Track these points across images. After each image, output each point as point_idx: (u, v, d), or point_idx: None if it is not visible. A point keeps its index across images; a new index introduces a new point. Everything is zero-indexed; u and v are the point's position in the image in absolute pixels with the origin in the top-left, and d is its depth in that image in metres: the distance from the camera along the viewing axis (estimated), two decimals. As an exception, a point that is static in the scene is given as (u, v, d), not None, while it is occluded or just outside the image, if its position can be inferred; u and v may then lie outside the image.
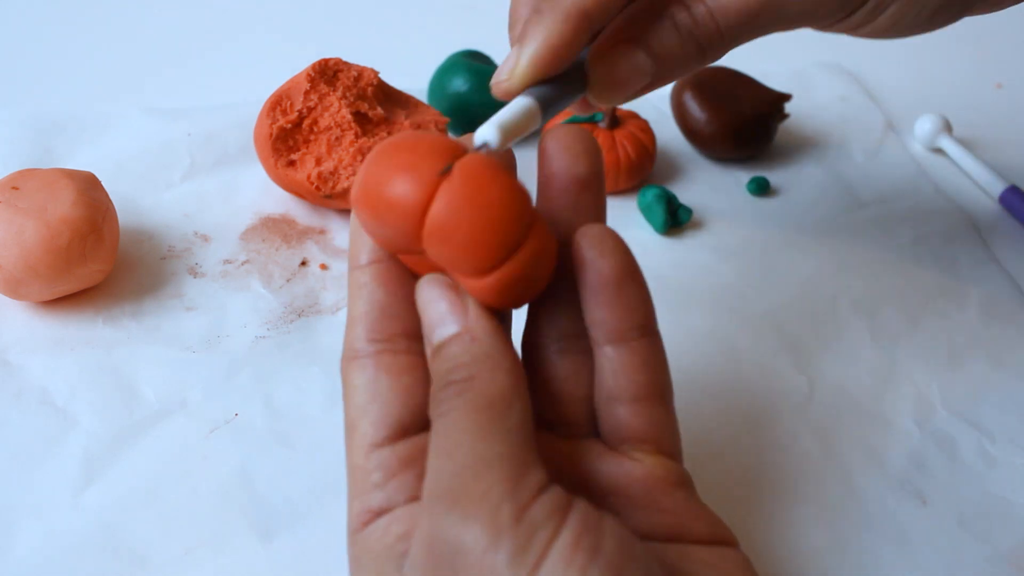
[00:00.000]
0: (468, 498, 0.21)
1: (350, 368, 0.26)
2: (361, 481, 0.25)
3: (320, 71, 0.45)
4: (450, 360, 0.24)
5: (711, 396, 0.38)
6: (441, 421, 0.23)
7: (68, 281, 0.38)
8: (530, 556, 0.21)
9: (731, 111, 0.51)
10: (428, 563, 0.22)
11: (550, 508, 0.21)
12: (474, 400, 0.23)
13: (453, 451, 0.22)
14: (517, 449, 0.22)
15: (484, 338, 0.24)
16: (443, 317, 0.24)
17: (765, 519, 0.34)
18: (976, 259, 0.47)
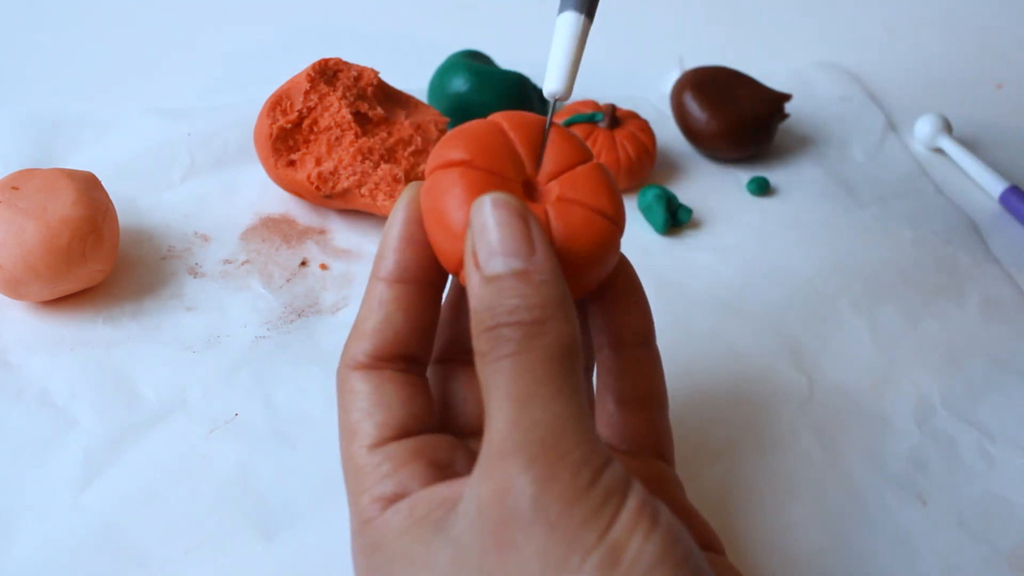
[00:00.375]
0: (548, 457, 0.21)
1: (351, 375, 0.26)
2: (367, 476, 0.24)
3: (320, 71, 0.45)
4: (515, 296, 0.22)
5: (711, 396, 0.38)
6: (507, 364, 0.22)
7: (68, 281, 0.38)
8: (603, 519, 0.21)
9: (731, 111, 0.51)
10: (495, 516, 0.21)
11: (620, 476, 0.21)
12: (548, 349, 0.22)
13: (527, 402, 0.21)
14: (586, 412, 0.22)
15: (554, 281, 0.23)
16: (507, 246, 0.22)
17: (765, 519, 0.34)
18: (976, 259, 0.47)
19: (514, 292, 0.22)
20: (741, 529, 0.33)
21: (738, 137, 0.51)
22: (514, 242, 0.23)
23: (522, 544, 0.21)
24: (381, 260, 0.26)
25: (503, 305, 0.22)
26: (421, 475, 0.24)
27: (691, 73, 0.53)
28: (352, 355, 0.26)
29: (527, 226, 0.23)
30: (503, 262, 0.22)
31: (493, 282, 0.22)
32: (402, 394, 0.25)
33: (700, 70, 0.53)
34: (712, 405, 0.38)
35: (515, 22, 0.67)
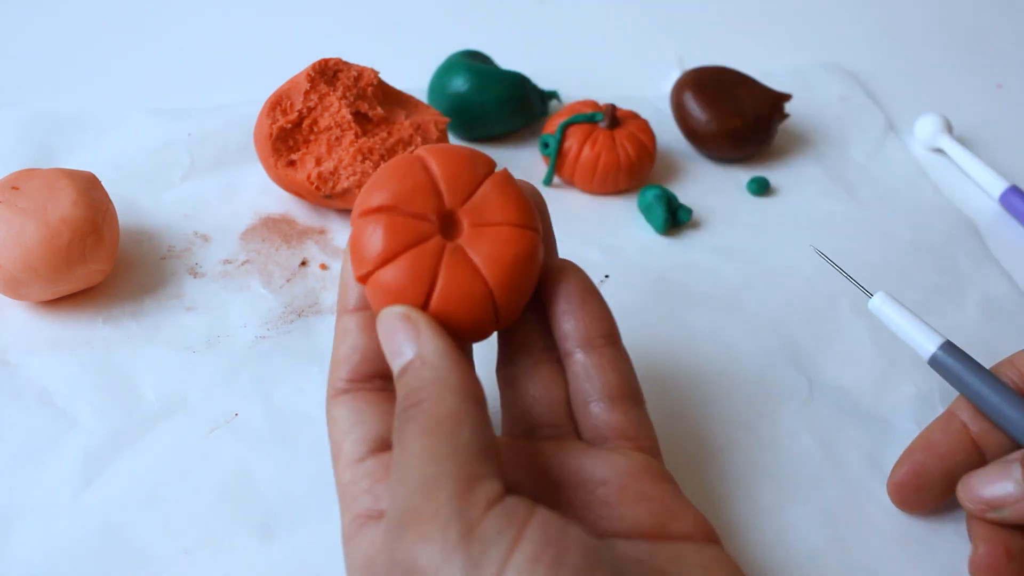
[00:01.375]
0: (419, 519, 0.22)
1: (333, 404, 0.28)
2: (349, 493, 0.26)
3: (320, 71, 0.45)
4: (404, 386, 0.25)
5: (711, 396, 0.38)
6: (396, 448, 0.24)
7: (68, 281, 0.38)
8: (486, 571, 0.21)
9: (731, 111, 0.51)
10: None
11: (504, 521, 0.22)
12: (424, 423, 0.24)
13: (405, 475, 0.23)
14: (466, 466, 0.23)
15: (434, 360, 0.25)
16: (399, 345, 0.26)
17: (764, 519, 0.34)
18: (976, 259, 0.47)
19: (405, 381, 0.25)
20: (741, 529, 0.33)
21: (738, 137, 0.51)
22: (402, 340, 0.26)
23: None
24: (343, 293, 0.29)
25: (400, 395, 0.25)
26: None
27: (691, 73, 0.53)
28: (331, 385, 0.28)
29: (410, 321, 0.26)
30: (396, 361, 0.26)
31: (399, 379, 0.26)
32: (378, 410, 0.27)
33: (700, 70, 0.53)
34: (712, 405, 0.38)
35: (515, 22, 0.67)
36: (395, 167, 0.28)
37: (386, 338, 0.26)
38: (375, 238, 0.27)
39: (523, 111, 0.52)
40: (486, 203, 0.28)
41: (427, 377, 0.25)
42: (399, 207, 0.27)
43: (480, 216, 0.28)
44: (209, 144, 0.50)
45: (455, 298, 0.27)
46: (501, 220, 0.28)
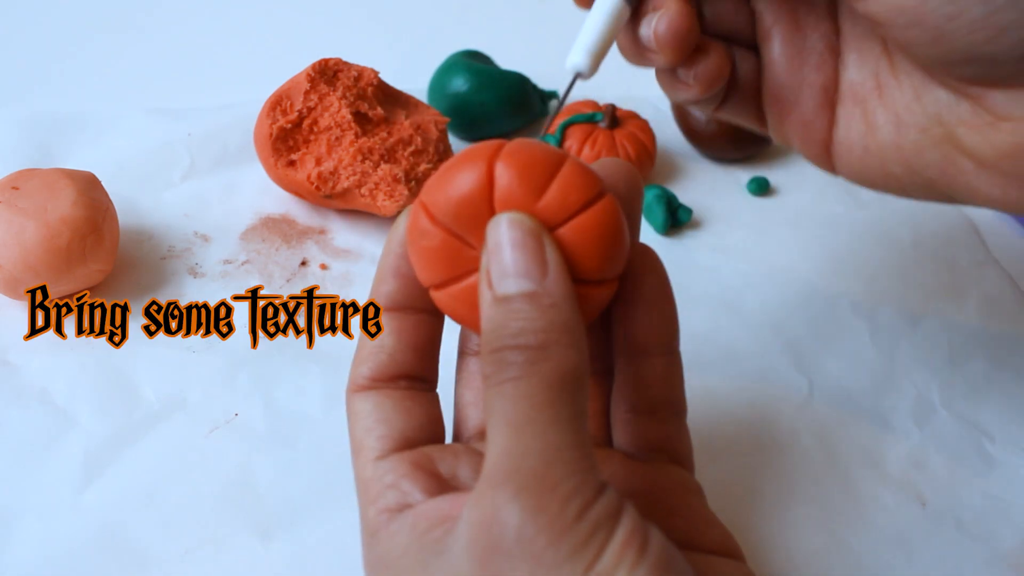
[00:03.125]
0: (536, 487, 0.21)
1: (354, 398, 0.27)
2: (373, 488, 0.25)
3: (320, 71, 0.45)
4: (521, 319, 0.22)
5: (711, 396, 0.38)
6: (507, 388, 0.22)
7: (68, 281, 0.38)
8: (589, 552, 0.20)
9: (731, 111, 0.51)
10: (483, 544, 0.21)
11: (610, 508, 0.21)
12: (548, 375, 0.21)
13: (522, 428, 0.21)
14: (583, 440, 0.21)
15: (563, 306, 0.22)
16: (520, 267, 0.22)
17: (765, 519, 0.34)
18: (976, 259, 0.47)
19: (521, 315, 0.22)
20: (741, 529, 0.33)
21: (738, 137, 0.51)
22: (526, 263, 0.22)
23: (507, 573, 0.21)
24: (377, 286, 0.27)
25: (509, 328, 0.22)
26: (424, 485, 0.24)
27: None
28: (353, 379, 0.27)
29: (541, 248, 0.23)
30: (514, 283, 0.22)
31: (502, 303, 0.22)
32: (401, 408, 0.26)
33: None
34: (712, 405, 0.38)
35: (515, 22, 0.67)
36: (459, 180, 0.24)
37: (501, 247, 0.23)
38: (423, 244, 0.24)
39: (523, 111, 0.52)
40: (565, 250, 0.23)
41: (554, 321, 0.22)
42: (449, 227, 0.24)
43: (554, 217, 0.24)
44: (209, 144, 0.50)
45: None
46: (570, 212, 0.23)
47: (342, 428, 0.36)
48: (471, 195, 0.23)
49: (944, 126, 0.27)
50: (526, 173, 0.23)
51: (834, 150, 0.30)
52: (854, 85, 0.29)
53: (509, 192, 0.23)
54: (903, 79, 0.28)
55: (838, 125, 0.30)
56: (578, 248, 0.23)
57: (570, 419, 0.21)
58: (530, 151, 0.24)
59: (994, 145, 0.26)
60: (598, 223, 0.23)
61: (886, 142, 0.29)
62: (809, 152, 0.31)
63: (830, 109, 0.30)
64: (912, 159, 0.28)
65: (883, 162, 0.29)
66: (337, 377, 0.38)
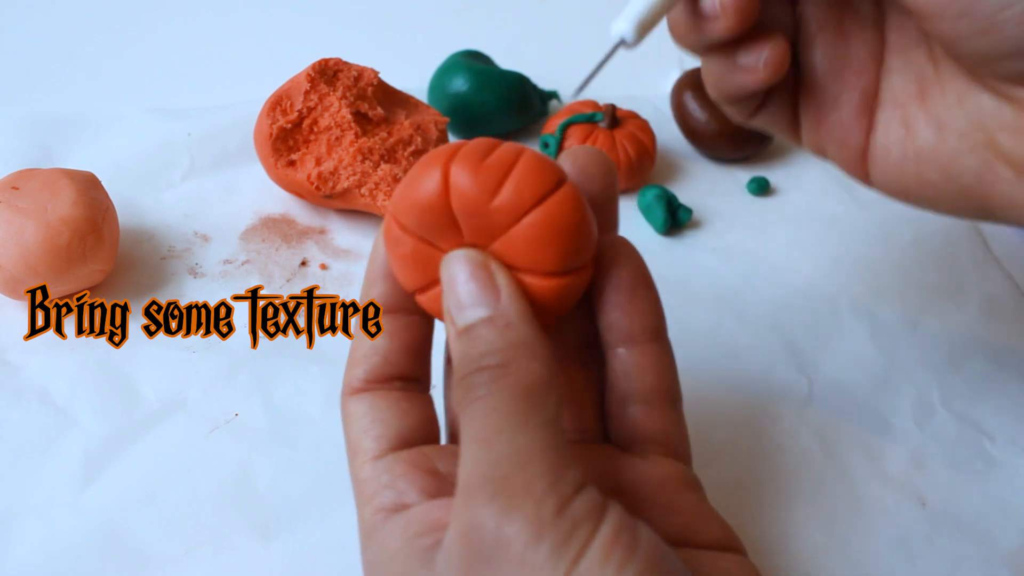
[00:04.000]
0: (510, 490, 0.21)
1: (349, 401, 0.27)
2: (369, 487, 0.25)
3: (320, 71, 0.45)
4: (482, 344, 0.23)
5: (711, 396, 0.38)
6: (475, 407, 0.22)
7: (68, 281, 0.38)
8: (571, 550, 0.20)
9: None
10: (465, 554, 0.21)
11: (590, 505, 0.21)
12: (512, 388, 0.22)
13: (492, 440, 0.22)
14: (556, 442, 0.22)
15: (519, 324, 0.23)
16: (473, 298, 0.24)
17: (765, 519, 0.34)
18: (976, 259, 0.47)
19: (481, 340, 0.23)
20: (741, 529, 0.33)
21: (738, 137, 0.51)
22: (478, 292, 0.24)
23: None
24: (366, 289, 0.28)
25: (472, 354, 0.23)
26: (419, 484, 0.25)
27: (691, 73, 0.53)
28: (347, 383, 0.27)
29: (489, 274, 0.24)
30: (471, 312, 0.24)
31: (464, 334, 0.24)
32: (396, 409, 0.26)
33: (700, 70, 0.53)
34: (712, 405, 0.38)
35: (515, 22, 0.67)
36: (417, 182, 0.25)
37: (454, 283, 0.24)
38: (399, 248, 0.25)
39: (523, 111, 0.52)
40: (520, 242, 0.24)
41: (511, 340, 0.23)
42: (418, 232, 0.25)
43: (511, 259, 0.24)
44: (209, 144, 0.50)
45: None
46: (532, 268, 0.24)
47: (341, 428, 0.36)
48: (431, 201, 0.24)
49: (985, 131, 0.27)
50: (480, 174, 0.24)
51: (870, 157, 0.30)
52: (895, 91, 0.29)
53: (463, 195, 0.24)
54: (947, 84, 0.28)
55: (876, 131, 0.30)
56: (540, 241, 0.24)
57: (539, 425, 0.22)
58: (483, 150, 0.24)
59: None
60: (557, 214, 0.24)
61: (925, 147, 0.29)
62: (844, 159, 0.31)
63: (868, 115, 0.30)
64: (950, 165, 0.28)
65: (920, 168, 0.29)
66: (337, 377, 0.38)
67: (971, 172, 0.28)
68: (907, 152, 0.29)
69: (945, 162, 0.28)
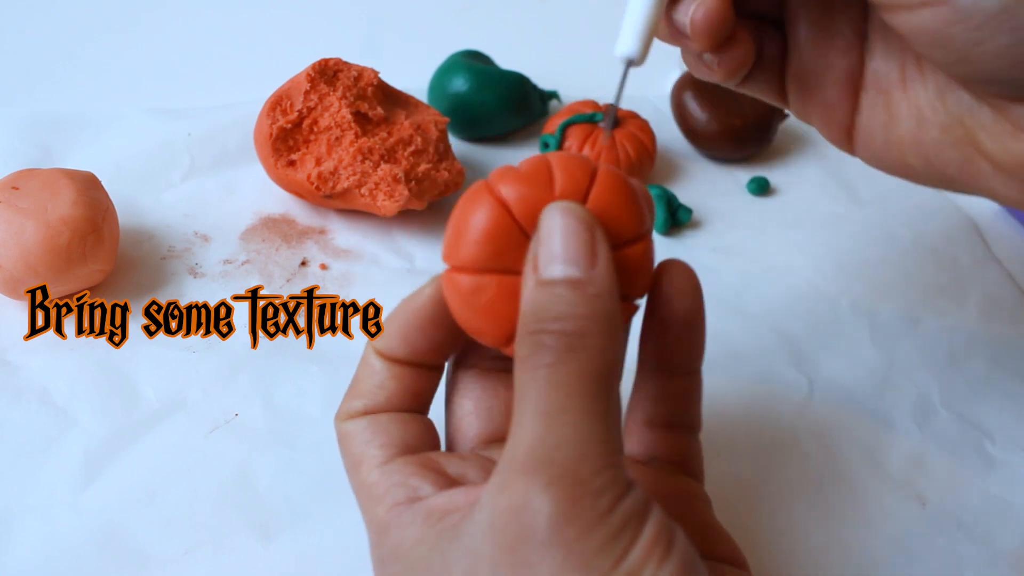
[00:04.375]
0: (571, 480, 0.20)
1: (345, 423, 0.26)
2: (379, 489, 0.25)
3: (320, 71, 0.45)
4: (564, 305, 0.22)
5: (711, 396, 0.38)
6: (542, 375, 0.21)
7: (68, 281, 0.38)
8: (620, 545, 0.20)
9: (731, 111, 0.51)
10: (506, 530, 0.21)
11: (638, 506, 0.21)
12: (585, 363, 0.21)
13: (555, 418, 0.21)
14: (615, 436, 0.21)
15: (607, 298, 0.22)
16: (570, 254, 0.22)
17: (765, 519, 0.34)
18: (976, 259, 0.47)
19: (564, 300, 0.22)
20: (741, 529, 0.33)
21: (738, 137, 0.51)
22: (576, 251, 0.22)
23: (536, 564, 0.20)
24: (384, 339, 0.27)
25: (550, 311, 0.22)
26: (431, 482, 0.24)
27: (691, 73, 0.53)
28: (345, 410, 0.27)
29: (593, 238, 0.23)
30: (561, 268, 0.22)
31: (546, 287, 0.22)
32: (397, 421, 0.26)
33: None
34: (712, 405, 0.38)
35: (515, 22, 0.67)
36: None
37: (554, 233, 0.23)
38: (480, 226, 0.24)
39: (523, 111, 0.52)
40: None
41: (596, 312, 0.22)
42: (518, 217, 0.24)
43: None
44: (209, 144, 0.50)
45: None
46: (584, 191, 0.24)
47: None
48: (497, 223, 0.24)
49: (965, 128, 0.27)
50: (527, 180, 0.24)
51: (856, 135, 0.31)
52: (879, 74, 0.29)
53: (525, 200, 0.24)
54: (928, 77, 0.28)
55: (860, 112, 0.30)
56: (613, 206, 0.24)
57: (603, 414, 0.21)
58: (510, 168, 0.24)
59: (1014, 155, 0.26)
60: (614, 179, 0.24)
61: (907, 136, 0.29)
62: (830, 134, 0.31)
63: (854, 95, 0.30)
64: (932, 156, 0.28)
65: (903, 154, 0.29)
66: (337, 377, 0.38)
67: (953, 164, 0.28)
68: (890, 138, 0.29)
69: (927, 152, 0.28)
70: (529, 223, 0.24)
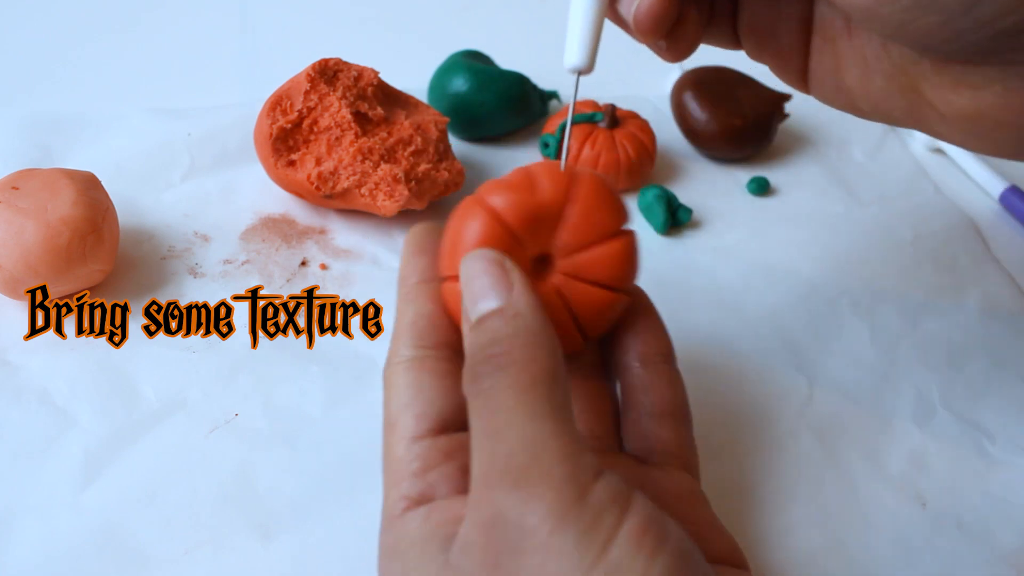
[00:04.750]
0: (529, 478, 0.21)
1: (393, 372, 0.26)
2: (399, 471, 0.25)
3: (320, 71, 0.45)
4: (489, 333, 0.23)
5: (711, 396, 0.38)
6: (483, 399, 0.22)
7: (68, 281, 0.38)
8: (599, 537, 0.20)
9: (731, 111, 0.51)
10: (486, 545, 0.21)
11: (614, 492, 0.21)
12: (517, 378, 0.22)
13: (503, 431, 0.22)
14: (567, 429, 0.22)
15: (527, 314, 0.24)
16: (485, 291, 0.24)
17: (765, 519, 0.34)
18: (976, 259, 0.47)
19: (490, 330, 0.23)
20: (741, 529, 0.33)
21: (738, 137, 0.51)
22: (489, 286, 0.24)
23: (516, 570, 0.20)
24: (402, 273, 0.28)
25: (480, 343, 0.23)
26: (450, 479, 0.24)
27: (691, 73, 0.53)
28: (394, 351, 0.27)
29: (503, 269, 0.24)
30: (482, 305, 0.24)
31: (477, 326, 0.24)
32: (441, 385, 0.26)
33: (700, 70, 0.53)
34: (712, 405, 0.38)
35: (515, 22, 0.67)
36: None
37: (471, 280, 0.25)
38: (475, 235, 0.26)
39: (523, 111, 0.52)
40: (593, 262, 0.27)
41: (519, 329, 0.23)
42: (509, 223, 0.26)
43: (581, 271, 0.27)
44: (209, 144, 0.50)
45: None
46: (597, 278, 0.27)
47: (342, 428, 0.36)
48: (487, 232, 0.26)
49: (909, 77, 0.28)
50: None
51: (809, 78, 0.32)
52: (825, 22, 0.30)
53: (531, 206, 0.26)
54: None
55: (811, 58, 0.31)
56: (613, 259, 0.27)
57: (548, 414, 0.22)
58: (495, 182, 0.27)
59: (953, 106, 0.27)
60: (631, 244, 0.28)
61: (854, 82, 0.30)
62: (785, 76, 0.33)
63: (805, 40, 0.31)
64: (879, 101, 0.30)
65: (852, 98, 0.31)
66: (337, 377, 0.38)
67: (899, 109, 0.29)
68: (839, 84, 0.30)
69: (875, 99, 0.30)
70: (519, 227, 0.26)
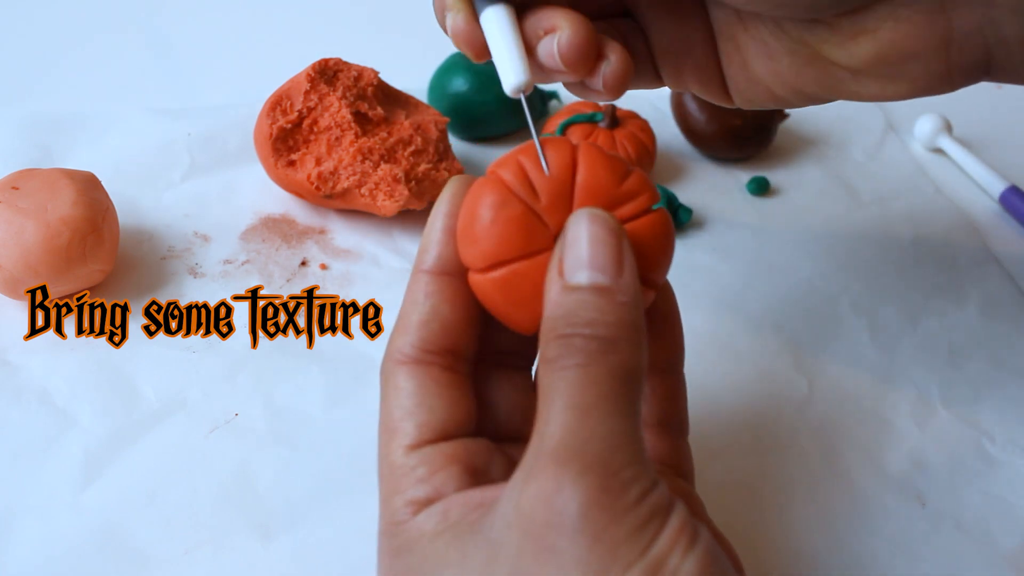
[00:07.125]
0: (602, 470, 0.21)
1: (397, 370, 0.25)
2: (402, 478, 0.24)
3: (320, 71, 0.45)
4: (593, 311, 0.23)
5: (711, 396, 0.38)
6: (573, 373, 0.22)
7: (68, 281, 0.38)
8: (646, 535, 0.21)
9: (731, 111, 0.51)
10: (538, 519, 0.21)
11: (663, 500, 0.22)
12: (616, 365, 0.22)
13: (588, 411, 0.22)
14: (640, 436, 0.22)
15: (635, 307, 0.23)
16: (598, 261, 0.23)
17: (764, 519, 0.34)
18: (976, 259, 0.47)
19: (594, 306, 0.23)
20: (741, 529, 0.33)
21: (738, 137, 0.51)
22: (605, 258, 0.23)
23: (563, 550, 0.21)
24: (425, 253, 0.26)
25: (580, 316, 0.23)
26: (456, 480, 0.24)
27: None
28: (398, 348, 0.26)
29: (620, 247, 0.23)
30: (588, 275, 0.23)
31: (574, 292, 0.23)
32: (445, 395, 0.25)
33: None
34: (712, 405, 0.38)
35: (515, 22, 0.67)
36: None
37: (582, 240, 0.23)
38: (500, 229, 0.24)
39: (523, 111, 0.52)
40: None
41: (625, 319, 0.23)
42: (531, 203, 0.25)
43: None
44: (209, 144, 0.50)
45: None
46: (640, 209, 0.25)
47: (342, 428, 0.36)
48: (561, 172, 0.25)
49: (809, 47, 0.29)
50: (610, 162, 0.25)
51: (728, 85, 0.32)
52: (720, 21, 0.31)
53: (596, 174, 0.25)
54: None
55: (723, 62, 0.32)
56: (643, 245, 0.25)
57: (630, 413, 0.22)
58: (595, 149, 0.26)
59: (857, 56, 0.28)
60: (662, 224, 0.25)
61: (763, 70, 0.30)
62: (709, 93, 0.33)
63: (715, 48, 0.31)
64: (791, 80, 0.30)
65: (768, 87, 0.31)
66: (337, 377, 0.38)
67: (812, 81, 0.29)
68: (751, 76, 0.31)
69: (787, 80, 0.30)
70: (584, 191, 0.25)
